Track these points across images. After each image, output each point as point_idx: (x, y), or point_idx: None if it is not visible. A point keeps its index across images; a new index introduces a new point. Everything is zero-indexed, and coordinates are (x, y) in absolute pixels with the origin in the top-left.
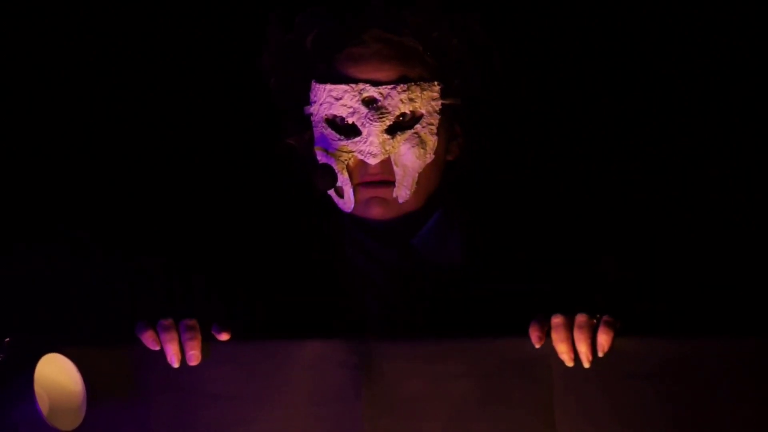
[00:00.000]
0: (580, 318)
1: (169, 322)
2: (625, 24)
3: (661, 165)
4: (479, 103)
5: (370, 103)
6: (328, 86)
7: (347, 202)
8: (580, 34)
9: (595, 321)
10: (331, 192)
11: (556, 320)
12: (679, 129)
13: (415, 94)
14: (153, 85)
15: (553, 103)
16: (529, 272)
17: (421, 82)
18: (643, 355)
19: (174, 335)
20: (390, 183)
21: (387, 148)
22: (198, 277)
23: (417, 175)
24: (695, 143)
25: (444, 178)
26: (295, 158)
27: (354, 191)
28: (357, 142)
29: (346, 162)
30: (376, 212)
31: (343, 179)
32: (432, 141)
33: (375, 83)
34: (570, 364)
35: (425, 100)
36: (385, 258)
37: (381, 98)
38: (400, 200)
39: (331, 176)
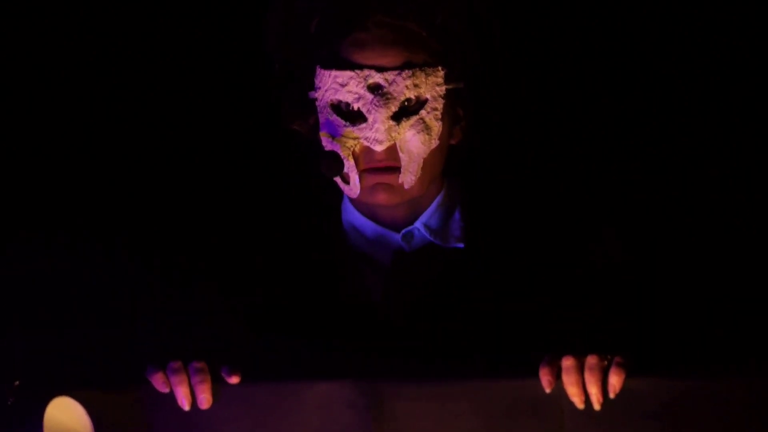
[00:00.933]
0: (591, 360)
1: (178, 364)
2: (627, 12)
3: (662, 158)
4: (482, 86)
5: (375, 89)
6: (333, 72)
7: (353, 188)
8: (583, 21)
9: (606, 362)
10: (337, 178)
11: (567, 363)
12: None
13: (419, 79)
14: (152, 85)
15: (554, 89)
16: (529, 255)
17: (426, 68)
18: (653, 394)
19: (184, 377)
20: (396, 169)
21: (393, 134)
22: (196, 276)
23: (422, 160)
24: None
25: (447, 161)
26: (300, 143)
27: (360, 177)
28: (363, 128)
29: (351, 148)
30: (382, 198)
31: (349, 165)
32: (437, 126)
33: (380, 69)
34: (581, 406)
35: (430, 86)
36: (389, 242)
37: (386, 84)
38: (406, 186)
39: (337, 163)
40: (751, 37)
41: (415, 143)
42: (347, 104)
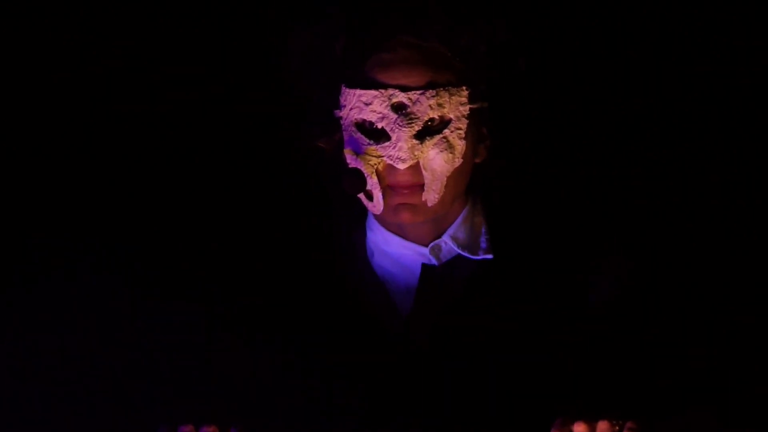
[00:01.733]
0: (602, 426)
1: (189, 428)
2: (646, 33)
3: (684, 171)
4: (506, 106)
5: (399, 108)
6: (358, 91)
7: (377, 204)
8: (606, 41)
9: (617, 427)
10: (360, 195)
11: (578, 429)
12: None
13: (443, 99)
14: (154, 88)
15: (578, 106)
16: (557, 268)
17: (449, 87)
18: None
19: None
20: (419, 187)
21: (416, 153)
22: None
23: (445, 179)
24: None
25: (472, 180)
26: (324, 160)
27: (383, 194)
28: (386, 147)
29: (375, 166)
30: (406, 217)
31: (372, 182)
32: (460, 145)
33: (404, 89)
34: None
35: (453, 105)
36: (416, 257)
37: (410, 104)
38: (429, 204)
39: (360, 180)
40: (754, 43)
41: (438, 162)
42: (371, 123)
